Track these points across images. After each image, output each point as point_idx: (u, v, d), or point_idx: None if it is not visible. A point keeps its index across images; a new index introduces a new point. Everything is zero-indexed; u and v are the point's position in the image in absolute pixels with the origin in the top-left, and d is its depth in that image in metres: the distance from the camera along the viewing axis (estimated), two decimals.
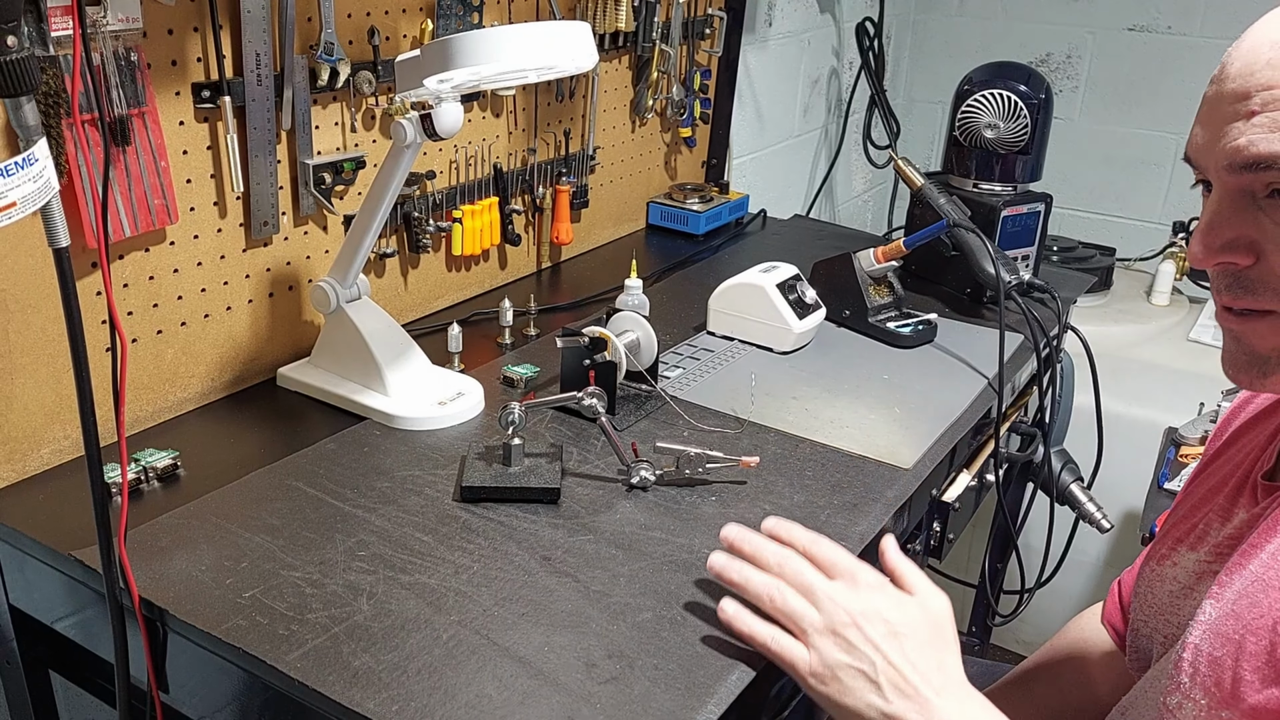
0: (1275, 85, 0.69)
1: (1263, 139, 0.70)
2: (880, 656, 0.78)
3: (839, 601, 0.81)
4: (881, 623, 0.80)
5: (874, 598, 0.82)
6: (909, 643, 0.80)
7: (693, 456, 1.08)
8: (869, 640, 0.79)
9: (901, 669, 0.78)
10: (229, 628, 0.85)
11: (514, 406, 1.07)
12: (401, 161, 1.13)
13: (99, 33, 1.00)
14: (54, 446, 1.09)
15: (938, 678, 0.79)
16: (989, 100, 1.59)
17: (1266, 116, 0.70)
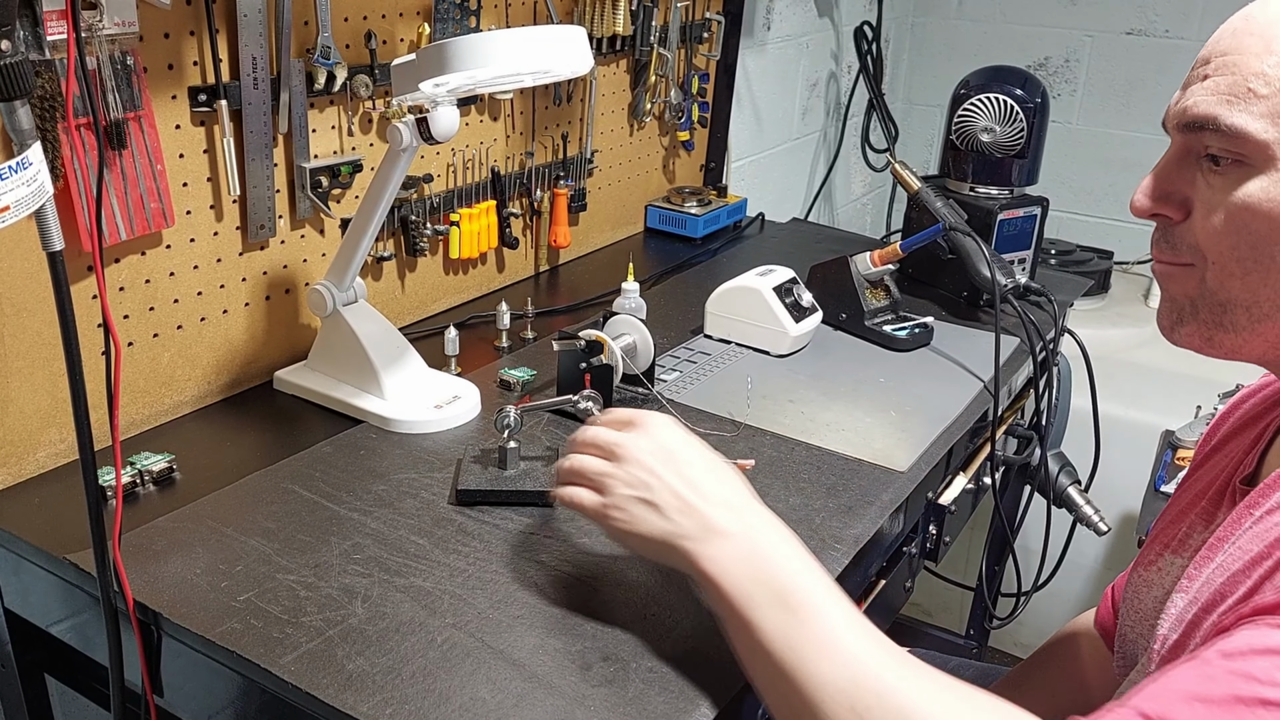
0: (1231, 52, 0.74)
1: (1205, 100, 0.74)
2: (657, 480, 0.83)
3: (621, 444, 0.87)
4: (659, 451, 0.85)
5: (651, 432, 0.87)
6: (689, 464, 0.84)
7: None
8: (647, 468, 0.84)
9: (678, 489, 0.83)
10: (223, 631, 0.85)
11: (509, 410, 1.07)
12: (398, 165, 1.13)
13: (95, 36, 1.00)
14: (49, 450, 1.09)
15: (715, 493, 0.83)
16: (985, 104, 1.59)
17: (1213, 81, 0.74)
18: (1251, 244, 0.74)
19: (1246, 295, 0.76)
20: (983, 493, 1.45)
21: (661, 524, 0.82)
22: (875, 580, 1.22)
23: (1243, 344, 0.79)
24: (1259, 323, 0.77)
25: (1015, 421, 1.54)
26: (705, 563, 0.79)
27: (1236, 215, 0.74)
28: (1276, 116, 0.71)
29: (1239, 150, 0.73)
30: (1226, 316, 0.78)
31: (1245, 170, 0.73)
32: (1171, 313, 0.82)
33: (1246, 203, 0.73)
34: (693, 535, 0.81)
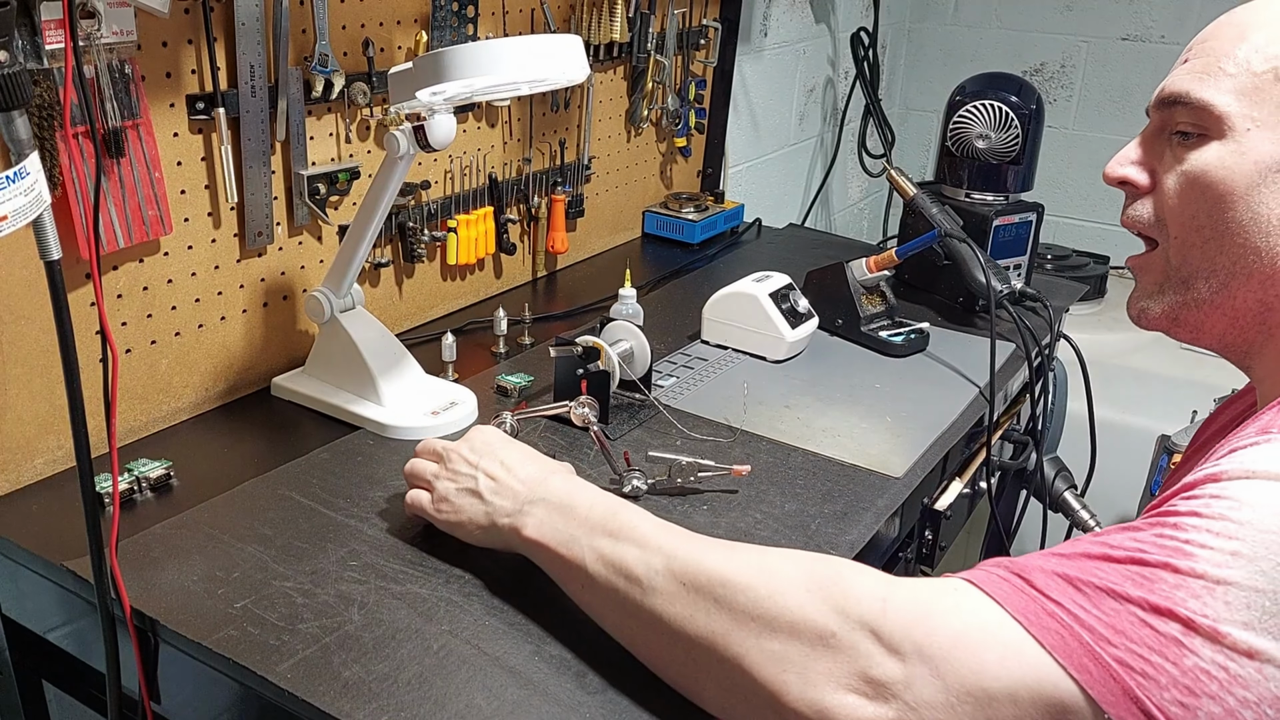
0: (1209, 39, 0.81)
1: (1180, 79, 0.81)
2: (475, 470, 0.95)
3: (449, 448, 0.98)
4: (478, 447, 0.97)
5: (472, 435, 0.99)
6: (504, 453, 0.95)
7: (684, 465, 1.08)
8: (467, 463, 0.96)
9: (496, 474, 0.93)
10: (220, 638, 0.85)
11: (506, 416, 1.07)
12: (395, 172, 1.14)
13: (93, 45, 1.01)
14: (47, 457, 1.09)
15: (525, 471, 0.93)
16: (980, 111, 1.59)
17: (1190, 63, 0.81)
18: (1207, 211, 0.79)
19: (1205, 264, 0.81)
20: (979, 498, 1.45)
21: (482, 507, 0.93)
22: None
23: (1204, 320, 0.83)
24: (1218, 293, 0.81)
25: (1011, 426, 1.55)
26: (527, 530, 0.88)
27: (1194, 182, 0.80)
28: (1240, 93, 0.77)
29: (1203, 124, 0.79)
30: (1190, 291, 0.83)
31: (1208, 144, 0.79)
32: (1140, 299, 0.88)
33: (1204, 169, 0.79)
34: (510, 511, 0.91)
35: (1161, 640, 0.60)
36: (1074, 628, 0.62)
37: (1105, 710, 0.61)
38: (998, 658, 0.63)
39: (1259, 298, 0.80)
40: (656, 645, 0.79)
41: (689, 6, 1.89)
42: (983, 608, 0.66)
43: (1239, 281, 0.80)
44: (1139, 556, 0.63)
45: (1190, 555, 0.62)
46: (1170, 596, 0.61)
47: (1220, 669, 0.59)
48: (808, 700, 0.68)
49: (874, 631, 0.67)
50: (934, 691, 0.64)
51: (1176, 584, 0.61)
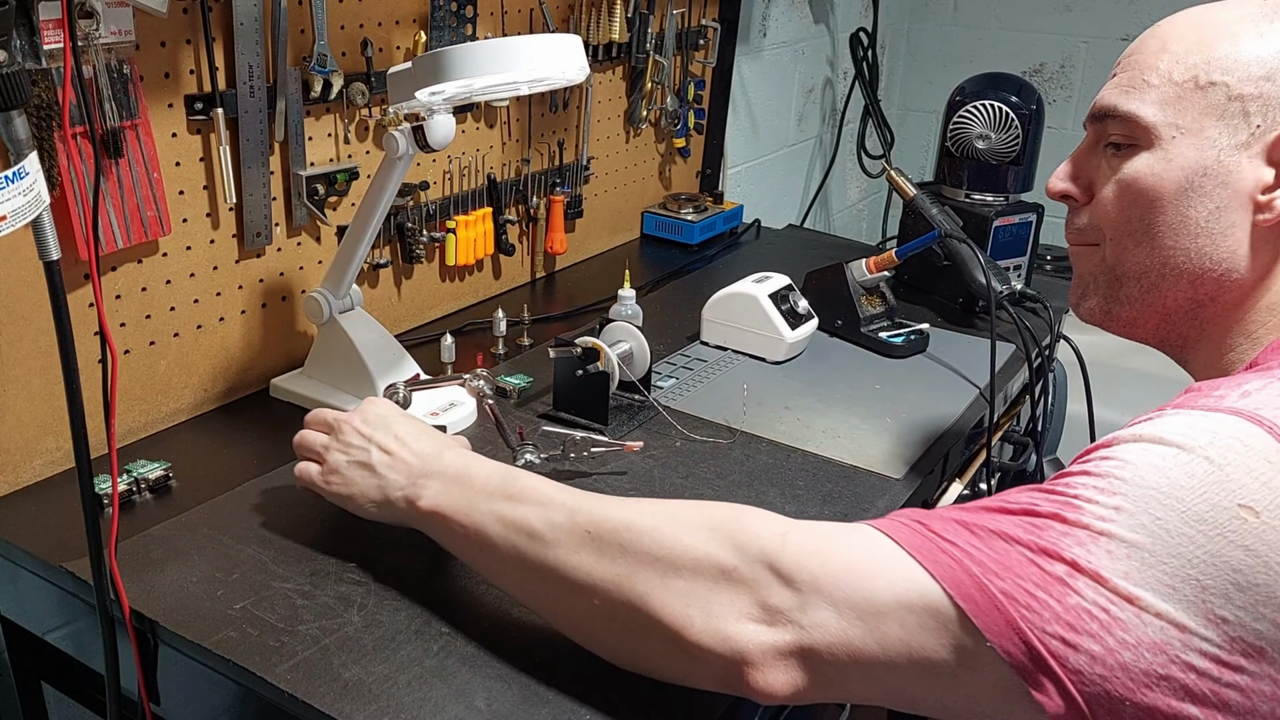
0: (1134, 53, 0.86)
1: (1109, 94, 0.86)
2: (368, 443, 0.94)
3: (340, 419, 0.97)
4: (370, 419, 0.96)
5: (364, 407, 0.98)
6: (398, 426, 0.95)
7: (578, 441, 1.10)
8: (360, 435, 0.95)
9: (390, 448, 0.93)
10: (219, 639, 0.85)
11: (399, 386, 1.10)
12: (394, 173, 1.13)
13: (91, 45, 1.01)
14: (46, 458, 1.09)
15: (419, 445, 0.93)
16: (980, 111, 1.59)
17: (1117, 78, 0.86)
18: (1139, 215, 0.84)
19: (1137, 267, 0.86)
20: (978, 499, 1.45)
21: (375, 481, 0.92)
22: None
23: (1137, 316, 0.88)
24: (1148, 293, 0.86)
25: (1011, 428, 1.54)
26: (423, 501, 0.88)
27: (1125, 189, 0.85)
28: (1164, 103, 0.82)
29: (1133, 134, 0.84)
30: (1122, 290, 0.88)
31: (1137, 152, 0.84)
32: (1078, 288, 0.93)
33: (1134, 176, 0.84)
34: (404, 485, 0.90)
35: (1047, 578, 0.64)
36: (964, 562, 0.66)
37: (989, 639, 0.64)
38: (887, 584, 0.68)
39: (1190, 296, 0.84)
40: (561, 598, 0.81)
41: (688, 7, 1.89)
42: (879, 543, 0.70)
43: (1169, 282, 0.85)
44: (1031, 508, 0.67)
45: (1078, 508, 0.65)
46: (1057, 543, 0.65)
47: (1102, 610, 0.62)
48: (710, 630, 0.72)
49: (772, 565, 0.71)
50: (827, 615, 0.69)
51: (1064, 532, 0.65)
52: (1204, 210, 0.81)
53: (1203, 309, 0.85)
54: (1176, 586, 0.62)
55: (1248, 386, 0.70)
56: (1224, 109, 0.80)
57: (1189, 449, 0.65)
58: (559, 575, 0.79)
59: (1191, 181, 0.81)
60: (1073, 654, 0.62)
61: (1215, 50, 0.81)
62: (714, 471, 1.14)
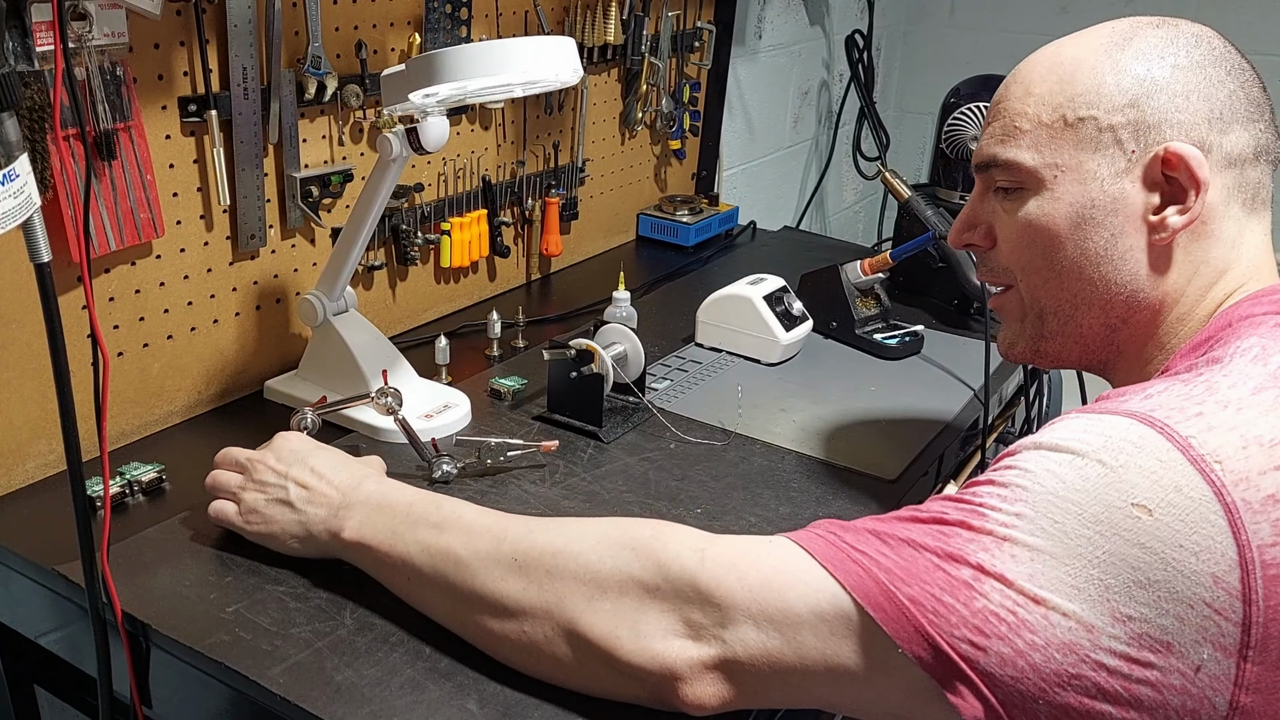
0: (1002, 100, 0.89)
1: (987, 145, 0.89)
2: (284, 479, 0.93)
3: (253, 458, 0.96)
4: (285, 455, 0.95)
5: (276, 443, 0.97)
6: (314, 460, 0.94)
7: (493, 446, 1.10)
8: (275, 472, 0.94)
9: (307, 482, 0.92)
10: (212, 643, 0.85)
11: (307, 413, 1.08)
12: (388, 175, 1.13)
13: (84, 47, 1.00)
14: (39, 461, 1.09)
15: (338, 477, 0.92)
16: (975, 113, 1.59)
17: (991, 126, 0.90)
18: (1040, 254, 0.87)
19: (1051, 300, 0.89)
20: None
21: (296, 517, 0.91)
22: None
23: (1062, 349, 0.91)
24: (1066, 324, 0.89)
25: (1006, 429, 1.54)
26: (346, 533, 0.88)
27: (1023, 232, 0.88)
28: (1039, 146, 0.85)
29: (1018, 179, 0.87)
30: (1044, 325, 0.91)
31: (1025, 195, 0.87)
32: (1006, 337, 0.97)
33: (1028, 220, 0.87)
34: (326, 518, 0.90)
35: (953, 583, 0.66)
36: (873, 570, 0.68)
37: (899, 644, 0.66)
38: (800, 595, 0.70)
39: (1103, 321, 0.87)
40: (491, 626, 0.81)
41: (683, 9, 1.89)
42: (792, 555, 0.72)
43: (1082, 311, 0.88)
44: (940, 517, 0.69)
45: (983, 515, 0.67)
46: (963, 548, 0.67)
47: (1009, 613, 0.64)
48: (640, 649, 0.74)
49: (692, 581, 0.73)
50: (747, 628, 0.71)
51: (969, 539, 0.67)
52: (1100, 240, 0.84)
53: (1117, 332, 0.88)
54: (1081, 587, 0.63)
55: (1151, 389, 0.72)
56: (1097, 141, 0.83)
57: (1083, 454, 0.67)
58: (488, 602, 0.80)
59: (1082, 215, 0.84)
60: (983, 656, 0.64)
61: (1076, 86, 0.84)
62: (709, 474, 1.14)
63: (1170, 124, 0.82)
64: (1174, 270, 0.84)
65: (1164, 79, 0.82)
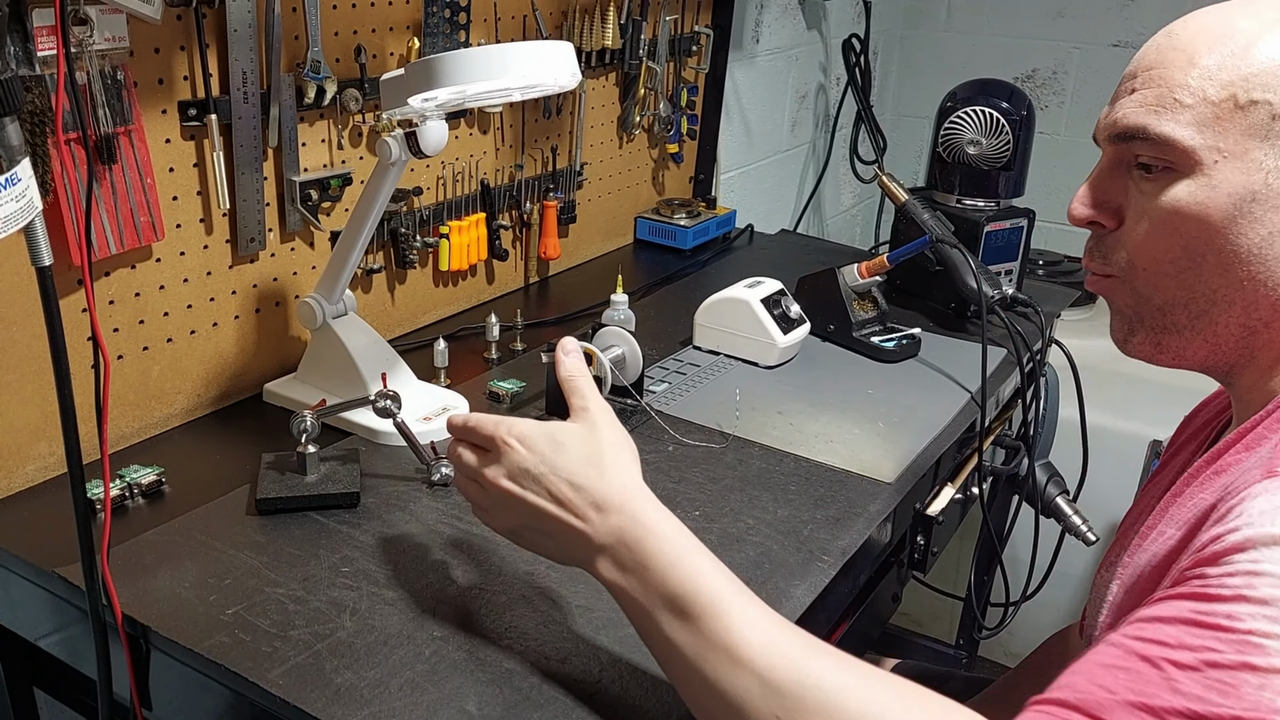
0: (1155, 66, 0.79)
1: (1134, 112, 0.79)
2: (536, 496, 0.79)
3: (501, 439, 0.81)
4: (536, 457, 0.80)
5: (511, 456, 0.81)
6: (563, 466, 0.79)
7: None
8: (526, 475, 0.79)
9: (561, 495, 0.78)
10: (211, 645, 0.85)
11: (306, 415, 1.07)
12: (387, 179, 1.14)
13: (85, 52, 1.01)
14: (39, 463, 1.09)
15: (586, 498, 0.78)
16: (971, 117, 1.60)
17: (1140, 94, 0.79)
18: (1182, 246, 0.78)
19: (1182, 293, 0.80)
20: (971, 503, 1.45)
21: (546, 541, 0.81)
22: (864, 591, 1.22)
23: (1186, 345, 0.82)
24: (1198, 319, 0.80)
25: (1003, 432, 1.55)
26: (597, 577, 0.78)
27: (1167, 220, 0.78)
28: (1201, 125, 0.76)
29: (1167, 157, 0.77)
30: (1168, 318, 0.82)
31: (1173, 176, 0.78)
32: (1123, 325, 0.86)
33: (1175, 207, 0.78)
34: (575, 552, 0.79)
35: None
36: None
37: None
38: None
39: (1242, 322, 0.79)
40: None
41: (681, 13, 1.89)
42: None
43: (1220, 309, 0.79)
44: (1212, 660, 0.59)
45: (1263, 649, 0.58)
46: (1257, 702, 0.57)
47: None
48: None
49: None
50: None
51: (1260, 684, 0.57)
52: (1256, 237, 0.76)
53: (1256, 335, 0.80)
54: None
55: None
56: (1268, 129, 0.75)
57: None
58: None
59: (1240, 208, 0.75)
60: None
61: (1251, 64, 0.75)
62: (706, 476, 1.14)
63: None
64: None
65: None
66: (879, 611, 1.27)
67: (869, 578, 1.22)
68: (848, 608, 1.18)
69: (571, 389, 0.85)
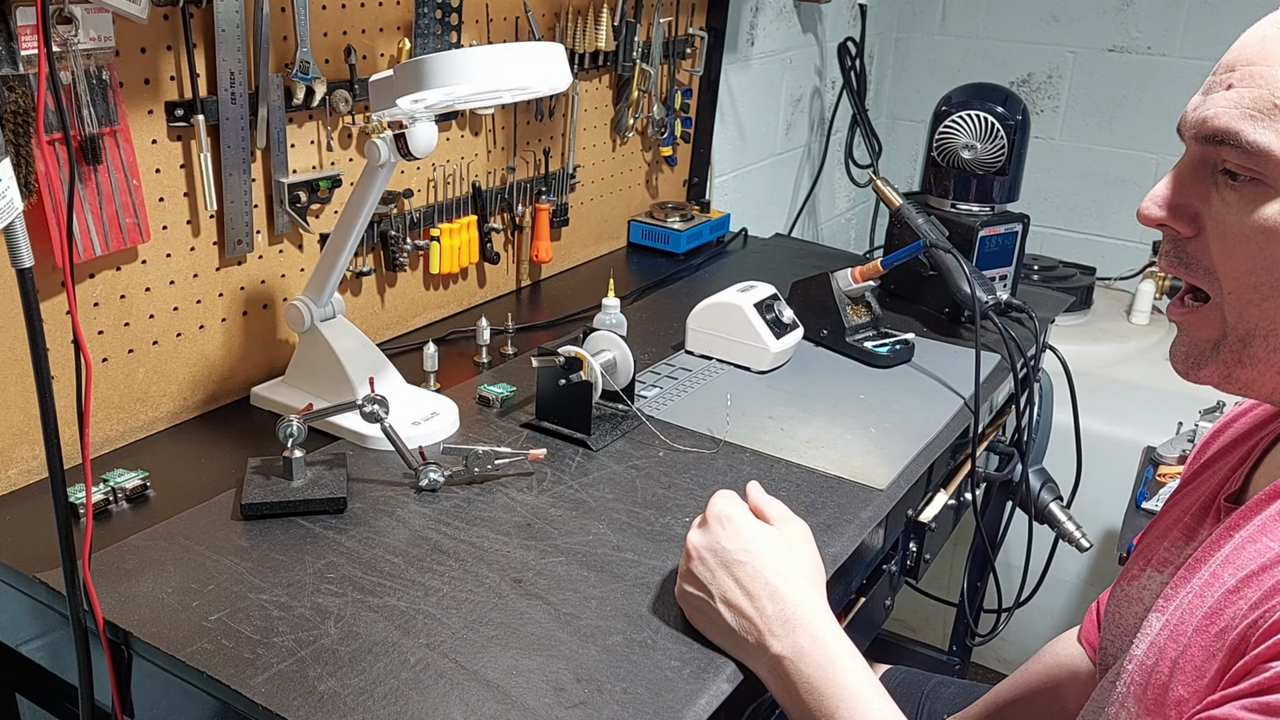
0: (1258, 61, 0.70)
1: (1226, 112, 0.71)
2: (717, 591, 0.86)
3: (691, 542, 0.89)
4: (720, 549, 0.87)
5: (717, 532, 0.88)
6: (740, 572, 0.85)
7: (480, 454, 1.10)
8: (707, 568, 0.87)
9: (735, 602, 0.85)
10: (194, 651, 0.84)
11: (292, 420, 1.06)
12: (376, 181, 1.13)
13: (70, 51, 1.00)
14: (21, 467, 1.08)
15: (771, 612, 0.84)
16: (966, 121, 1.59)
17: (1237, 92, 0.71)
18: (1268, 268, 0.71)
19: (1265, 323, 0.73)
20: (964, 509, 1.45)
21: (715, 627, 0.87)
22: (856, 598, 1.21)
23: (1257, 377, 0.76)
24: (1275, 352, 0.74)
25: (996, 438, 1.54)
26: (763, 681, 0.85)
27: (1254, 238, 0.71)
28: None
29: (1259, 169, 0.70)
30: (1247, 350, 0.75)
31: (1264, 190, 0.71)
32: (1190, 355, 0.80)
33: (1265, 225, 0.71)
34: (747, 653, 0.85)
35: None
36: None
37: None
38: None
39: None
40: None
41: (675, 15, 1.89)
42: None
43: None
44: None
45: None
46: None
47: None
48: None
49: None
50: None
51: None
52: None
53: None
54: None
55: None
56: None
57: None
58: None
59: None
60: None
61: None
62: (697, 482, 1.13)
63: None
64: None
65: None
66: (872, 619, 1.26)
67: (861, 585, 1.22)
68: (840, 615, 1.17)
69: (767, 508, 0.92)
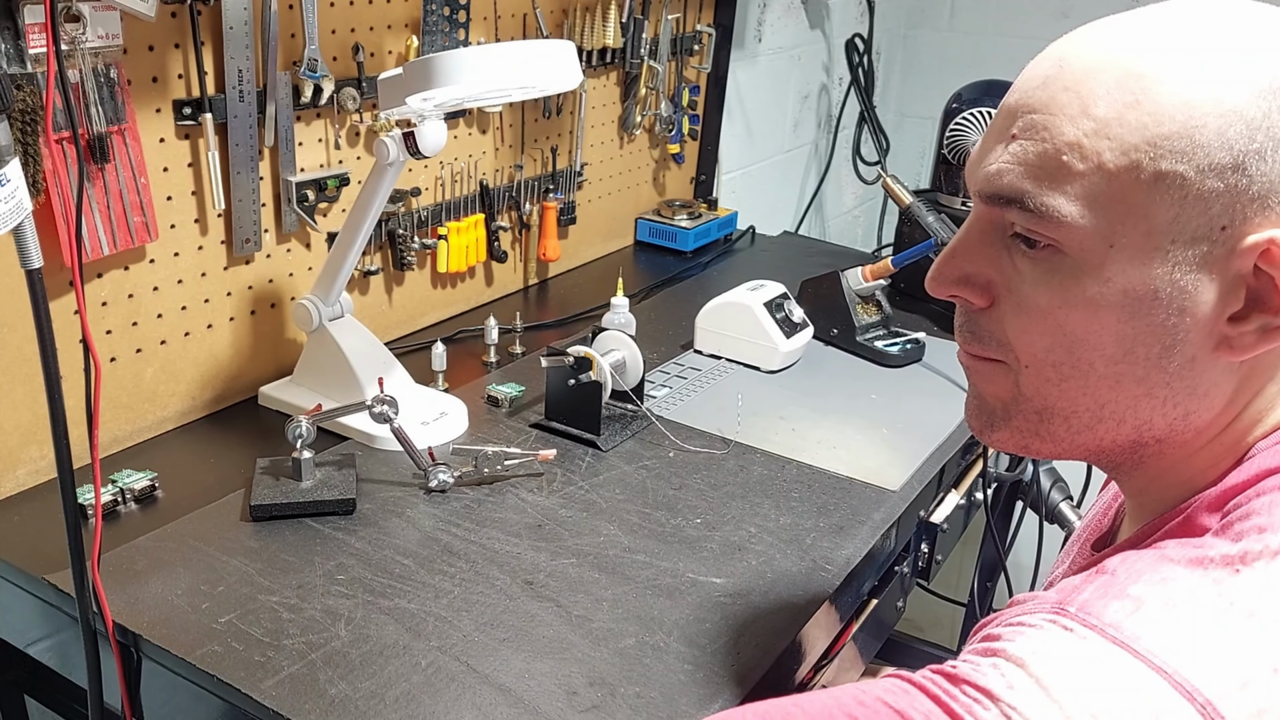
0: (1039, 109, 0.61)
1: (1010, 170, 0.62)
2: None
3: None
4: None
5: None
6: None
7: (490, 455, 1.09)
8: None
9: None
10: (204, 654, 0.84)
11: (301, 420, 1.06)
12: (384, 179, 1.12)
13: (78, 49, 0.99)
14: (30, 468, 1.07)
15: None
16: (977, 118, 1.58)
17: (1020, 145, 0.62)
18: (1068, 347, 0.63)
19: (1064, 404, 0.65)
20: (975, 510, 1.44)
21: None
22: (867, 600, 1.20)
23: (1063, 452, 0.68)
24: (1079, 434, 0.66)
25: None
26: None
27: (1053, 314, 0.62)
28: (1094, 200, 0.59)
29: (1053, 236, 0.61)
30: (1044, 426, 0.67)
31: (1062, 260, 0.61)
32: (982, 414, 0.71)
33: (1065, 300, 0.62)
34: None
35: None
36: None
37: None
38: None
39: (1132, 439, 0.65)
40: None
41: (683, 12, 1.88)
42: None
43: (1106, 425, 0.65)
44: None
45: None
46: None
47: None
48: None
49: None
50: None
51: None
52: (1154, 345, 0.60)
53: (1145, 448, 0.66)
54: None
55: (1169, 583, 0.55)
56: (1179, 209, 0.58)
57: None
58: None
59: (1138, 308, 0.60)
60: None
61: (1164, 123, 0.57)
62: (707, 483, 1.13)
63: (1277, 197, 0.57)
64: (1234, 387, 0.63)
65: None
66: (884, 621, 1.25)
67: (873, 587, 1.21)
68: (851, 617, 1.16)
69: None
